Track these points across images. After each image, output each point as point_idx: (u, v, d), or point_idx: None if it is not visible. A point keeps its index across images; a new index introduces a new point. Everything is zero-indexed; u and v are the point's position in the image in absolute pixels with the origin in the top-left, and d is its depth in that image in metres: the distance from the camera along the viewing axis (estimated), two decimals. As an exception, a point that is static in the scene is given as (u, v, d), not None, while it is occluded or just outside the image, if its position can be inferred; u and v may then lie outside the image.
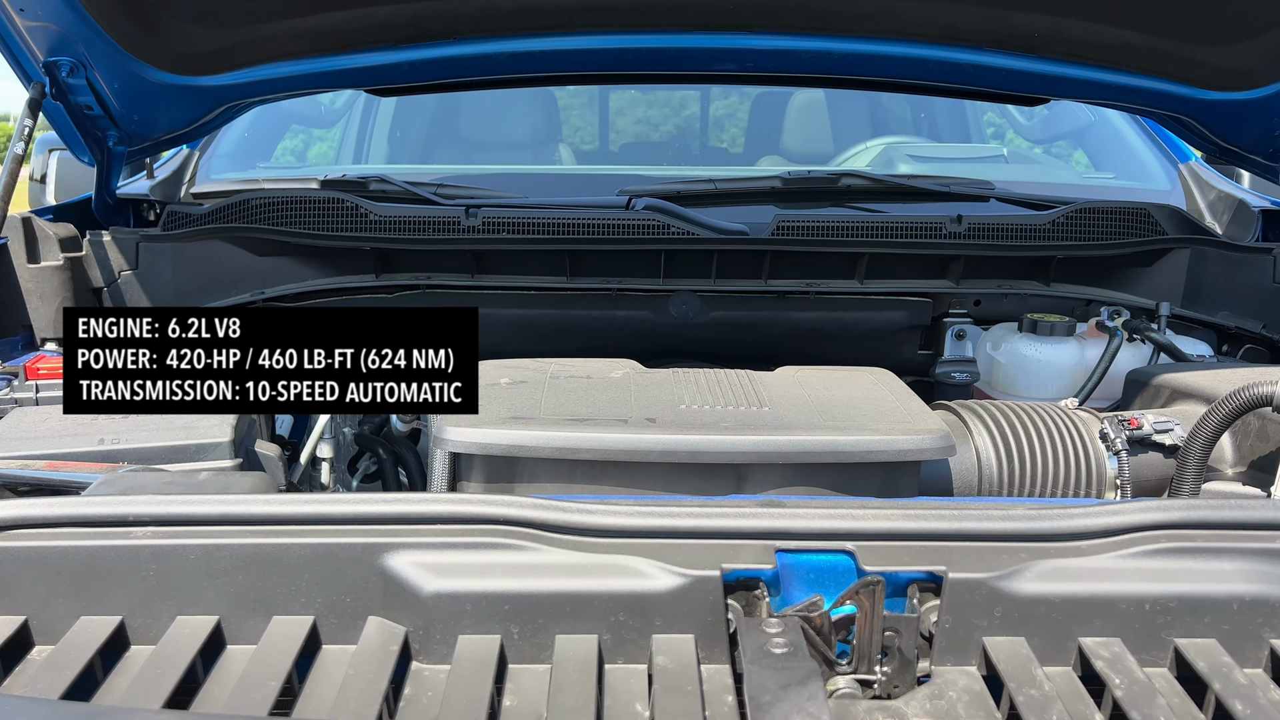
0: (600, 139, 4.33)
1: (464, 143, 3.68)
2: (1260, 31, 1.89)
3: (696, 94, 4.41)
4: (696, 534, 0.88)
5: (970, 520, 0.88)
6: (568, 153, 3.86)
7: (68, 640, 0.84)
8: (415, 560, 0.86)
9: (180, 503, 0.87)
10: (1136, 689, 0.79)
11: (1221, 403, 1.43)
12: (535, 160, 3.62)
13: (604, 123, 4.37)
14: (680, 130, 4.68)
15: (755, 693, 0.71)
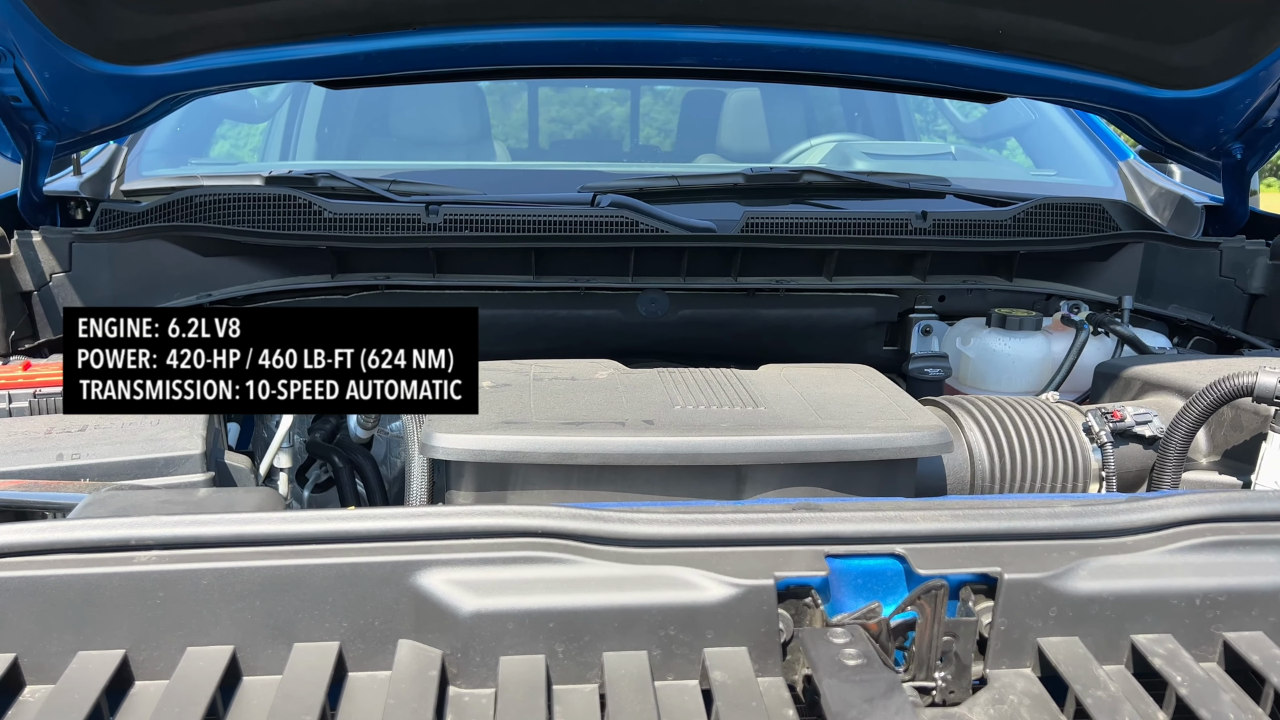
0: (530, 136, 4.28)
1: (394, 139, 3.59)
2: (1211, 31, 1.94)
3: (627, 91, 4.40)
4: (744, 541, 0.85)
5: (1020, 519, 0.86)
6: (502, 149, 3.80)
7: (67, 678, 0.77)
8: (450, 578, 0.81)
9: (189, 523, 0.80)
10: (1200, 686, 0.78)
11: (1202, 394, 1.45)
12: (468, 157, 3.55)
13: (533, 119, 4.32)
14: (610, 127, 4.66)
15: (840, 708, 0.68)
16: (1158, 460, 1.52)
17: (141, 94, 1.97)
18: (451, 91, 3.54)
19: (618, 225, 1.98)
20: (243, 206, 1.98)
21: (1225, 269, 2.17)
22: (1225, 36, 1.94)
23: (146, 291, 1.98)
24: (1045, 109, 2.90)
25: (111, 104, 1.98)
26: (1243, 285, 2.17)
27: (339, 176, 2.22)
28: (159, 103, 2.01)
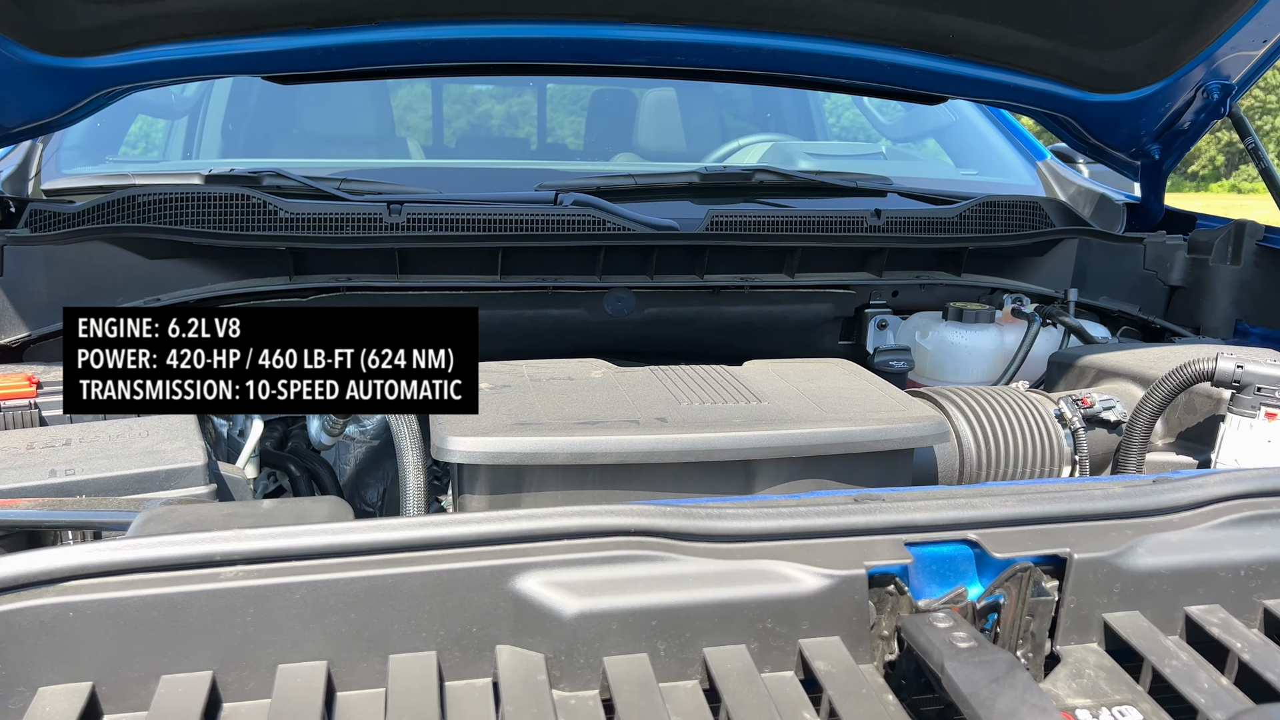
0: (435, 133, 4.23)
1: (302, 136, 3.49)
2: (1139, 39, 2.06)
3: (533, 89, 4.39)
4: (830, 533, 0.86)
5: (1082, 502, 0.91)
6: (415, 146, 3.75)
7: (158, 705, 0.72)
8: (550, 580, 0.80)
9: (279, 536, 0.76)
10: (1259, 650, 0.84)
11: (1166, 379, 1.55)
12: (379, 154, 3.48)
13: (438, 116, 4.28)
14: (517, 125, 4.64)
15: (969, 689, 0.70)
16: (1123, 443, 1.61)
17: (77, 88, 1.86)
18: (359, 88, 3.47)
19: (585, 224, 1.97)
20: (192, 206, 1.89)
21: (1148, 262, 2.31)
22: (1151, 45, 2.06)
23: (86, 296, 1.87)
24: (965, 110, 3.03)
25: (43, 98, 1.86)
26: (1164, 277, 2.31)
27: (286, 175, 2.14)
28: (93, 98, 1.90)
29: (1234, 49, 2.06)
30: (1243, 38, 2.03)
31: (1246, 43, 2.05)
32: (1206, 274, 2.25)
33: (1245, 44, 2.05)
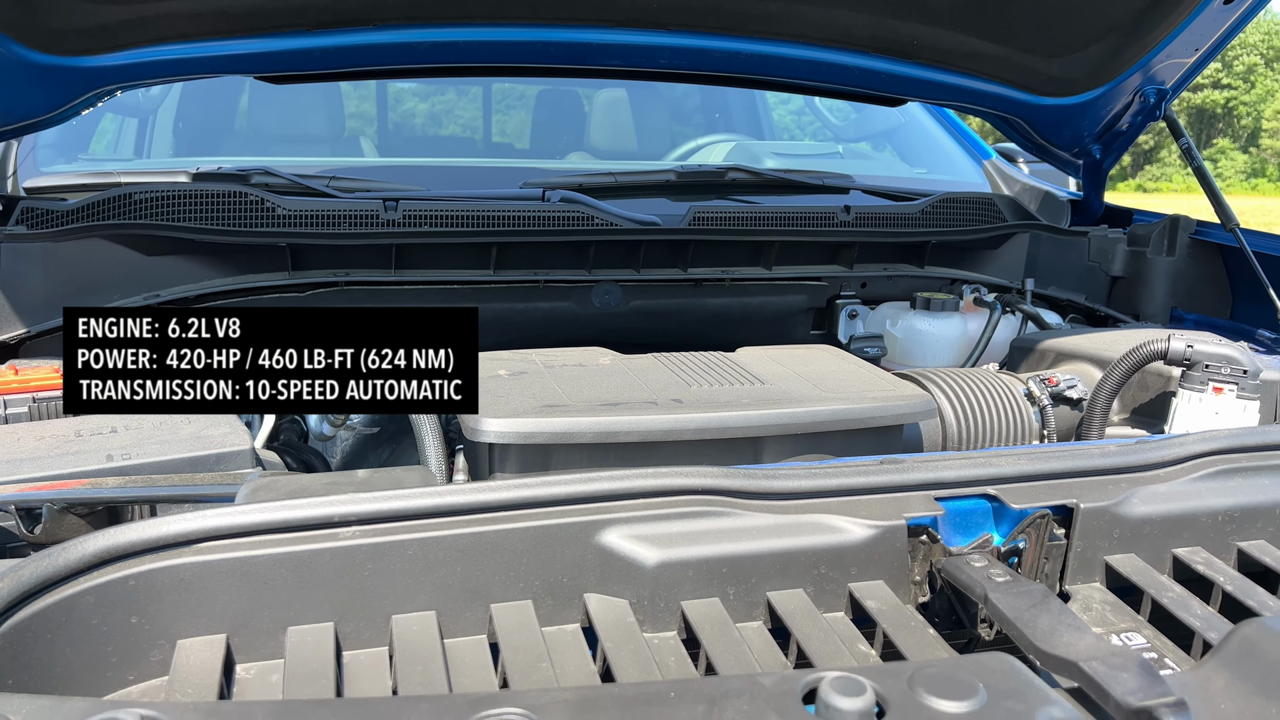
0: (380, 132, 4.26)
1: (255, 135, 3.50)
2: (1085, 47, 2.22)
3: (479, 89, 4.44)
4: (871, 490, 0.97)
5: (1084, 459, 1.03)
6: (368, 144, 3.78)
7: (292, 654, 0.80)
8: (631, 534, 0.89)
9: (392, 498, 0.84)
10: (1238, 583, 0.97)
11: (1124, 358, 1.70)
12: (332, 152, 3.51)
13: (382, 116, 4.31)
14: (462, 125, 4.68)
15: (1013, 614, 0.81)
16: (1085, 418, 1.75)
17: (73, 87, 1.88)
18: (309, 87, 3.49)
19: (574, 220, 2.06)
20: (190, 203, 1.92)
21: (1092, 255, 2.49)
22: (1096, 52, 2.23)
23: (84, 292, 1.89)
24: (914, 112, 3.18)
25: (38, 96, 1.88)
26: (1106, 268, 2.49)
27: (276, 173, 2.18)
28: (88, 96, 1.92)
29: (1169, 57, 2.24)
30: (1176, 47, 2.20)
31: (1180, 51, 2.23)
32: (1144, 265, 2.43)
33: (1179, 53, 2.23)
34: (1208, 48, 2.24)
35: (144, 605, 0.78)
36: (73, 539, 0.76)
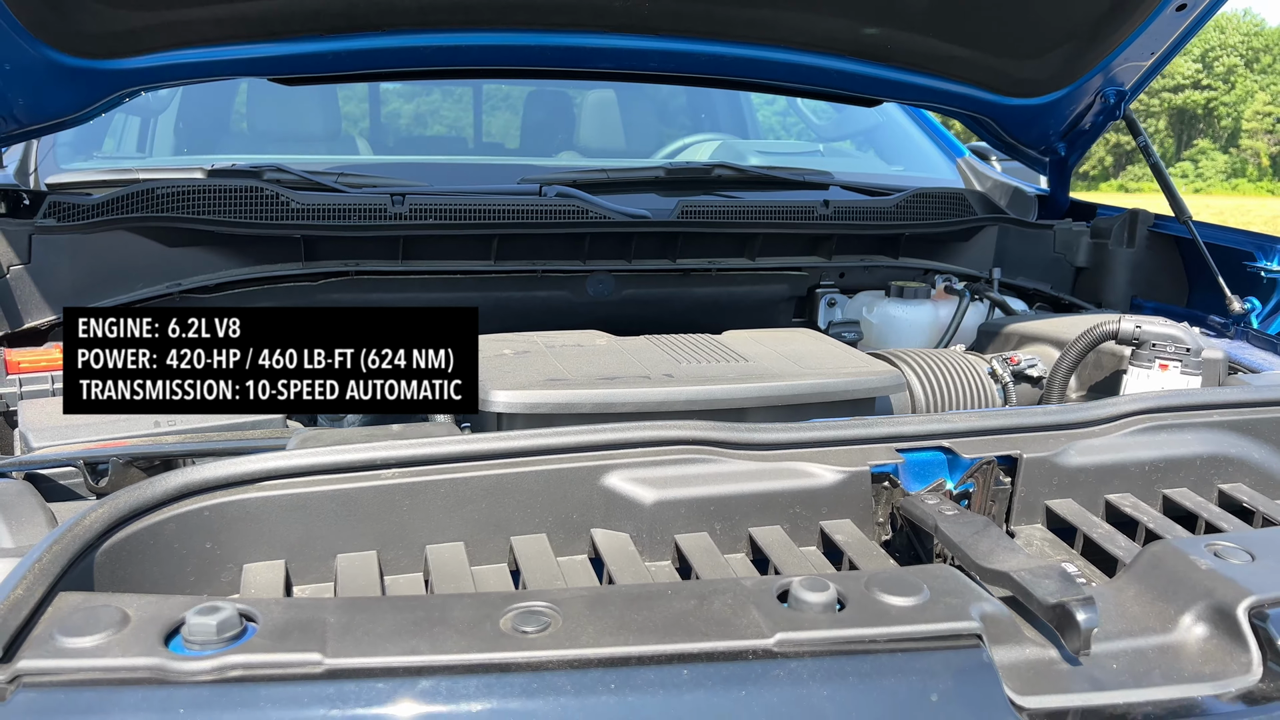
0: (373, 131, 4.38)
1: (253, 134, 3.61)
2: (1050, 50, 2.37)
3: (469, 90, 4.56)
4: (840, 442, 1.11)
5: (1027, 417, 1.17)
6: (363, 143, 3.89)
7: (344, 576, 0.93)
8: (632, 477, 1.03)
9: (427, 444, 0.97)
10: (1160, 522, 1.12)
11: (1079, 338, 1.84)
12: (328, 151, 3.63)
13: (375, 116, 4.42)
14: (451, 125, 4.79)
15: (959, 539, 0.95)
16: (1044, 395, 1.90)
17: (99, 88, 2.00)
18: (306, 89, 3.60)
19: (570, 213, 2.19)
20: (210, 198, 2.05)
21: (1057, 246, 2.64)
22: (1060, 55, 2.38)
23: (110, 282, 2.02)
24: (891, 112, 3.33)
25: (67, 96, 2.00)
26: (1071, 259, 2.63)
27: (287, 170, 2.30)
28: (114, 96, 2.04)
29: (1127, 60, 2.39)
30: (1134, 50, 2.35)
31: (1137, 55, 2.38)
32: (1106, 256, 2.58)
33: (1136, 56, 2.38)
34: (1163, 51, 2.39)
35: (217, 533, 0.92)
36: (156, 477, 0.89)
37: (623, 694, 0.69)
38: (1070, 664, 0.79)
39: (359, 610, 0.75)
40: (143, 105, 3.34)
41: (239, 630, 0.71)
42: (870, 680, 0.72)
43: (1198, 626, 0.83)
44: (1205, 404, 1.23)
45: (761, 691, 0.70)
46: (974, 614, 0.77)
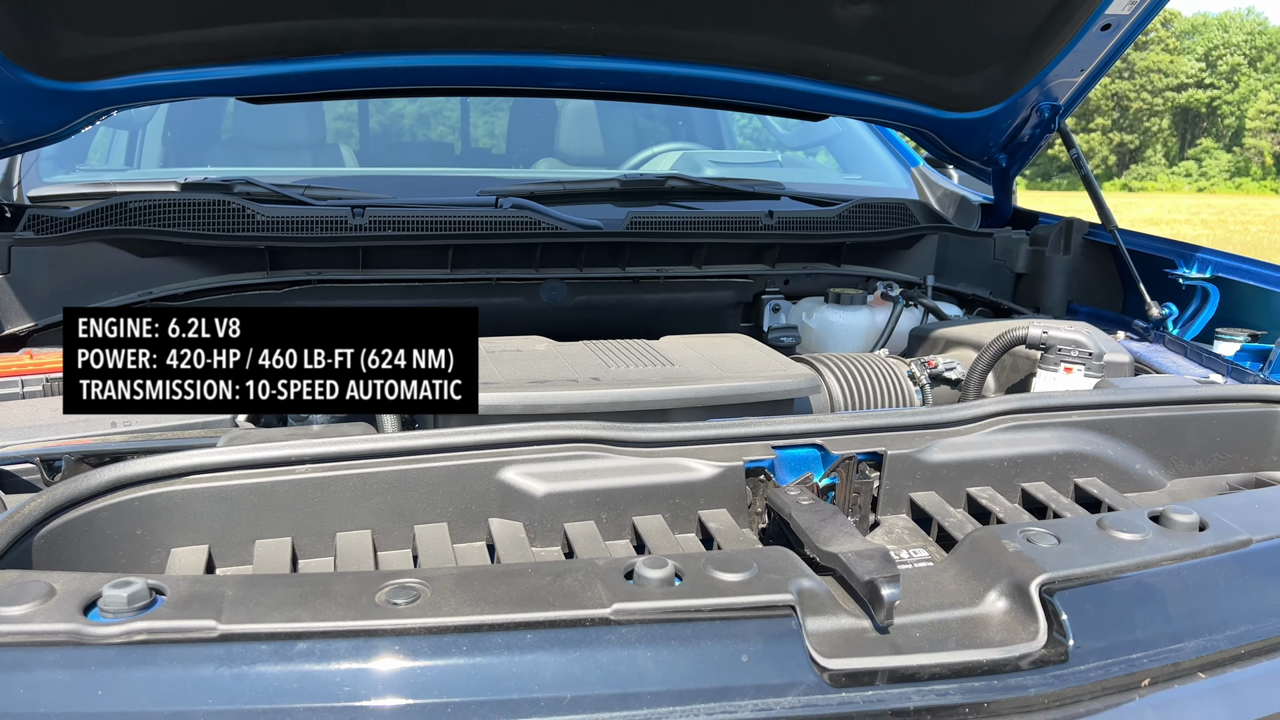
0: (362, 140, 4.49)
1: (240, 144, 3.73)
2: (982, 68, 2.49)
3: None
4: (719, 440, 1.23)
5: (894, 418, 1.29)
6: (348, 151, 4.00)
7: (259, 560, 1.05)
8: (525, 472, 1.15)
9: (337, 443, 1.10)
10: (1010, 511, 1.24)
11: (992, 343, 1.96)
12: (314, 160, 3.74)
13: (364, 126, 4.54)
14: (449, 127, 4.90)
15: (807, 525, 1.07)
16: (961, 395, 2.02)
17: (75, 108, 2.13)
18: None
19: (523, 224, 2.31)
20: (180, 211, 2.17)
21: (997, 254, 2.75)
22: (992, 72, 2.50)
23: (85, 291, 2.14)
24: (850, 123, 3.45)
25: (47, 116, 2.13)
26: (1011, 266, 2.75)
27: (256, 183, 2.43)
28: (89, 116, 2.17)
29: (1058, 76, 2.50)
30: (1064, 68, 2.47)
31: (1068, 71, 2.49)
32: (1044, 263, 2.69)
33: (1067, 72, 2.50)
34: (1093, 68, 2.50)
35: (146, 521, 1.04)
36: (92, 471, 1.01)
37: (472, 655, 0.81)
38: (879, 632, 0.91)
39: (254, 585, 0.87)
40: (130, 118, 3.47)
41: (148, 601, 0.83)
42: (690, 643, 0.84)
43: (1000, 601, 0.95)
44: (1062, 405, 1.35)
45: (594, 653, 0.83)
46: (791, 589, 0.89)
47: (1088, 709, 0.87)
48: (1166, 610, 0.95)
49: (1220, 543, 1.02)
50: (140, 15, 1.95)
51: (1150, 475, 1.37)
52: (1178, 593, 0.97)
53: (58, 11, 1.91)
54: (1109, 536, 1.01)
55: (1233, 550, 1.02)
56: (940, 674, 0.87)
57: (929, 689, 0.85)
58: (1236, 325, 2.31)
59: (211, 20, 1.98)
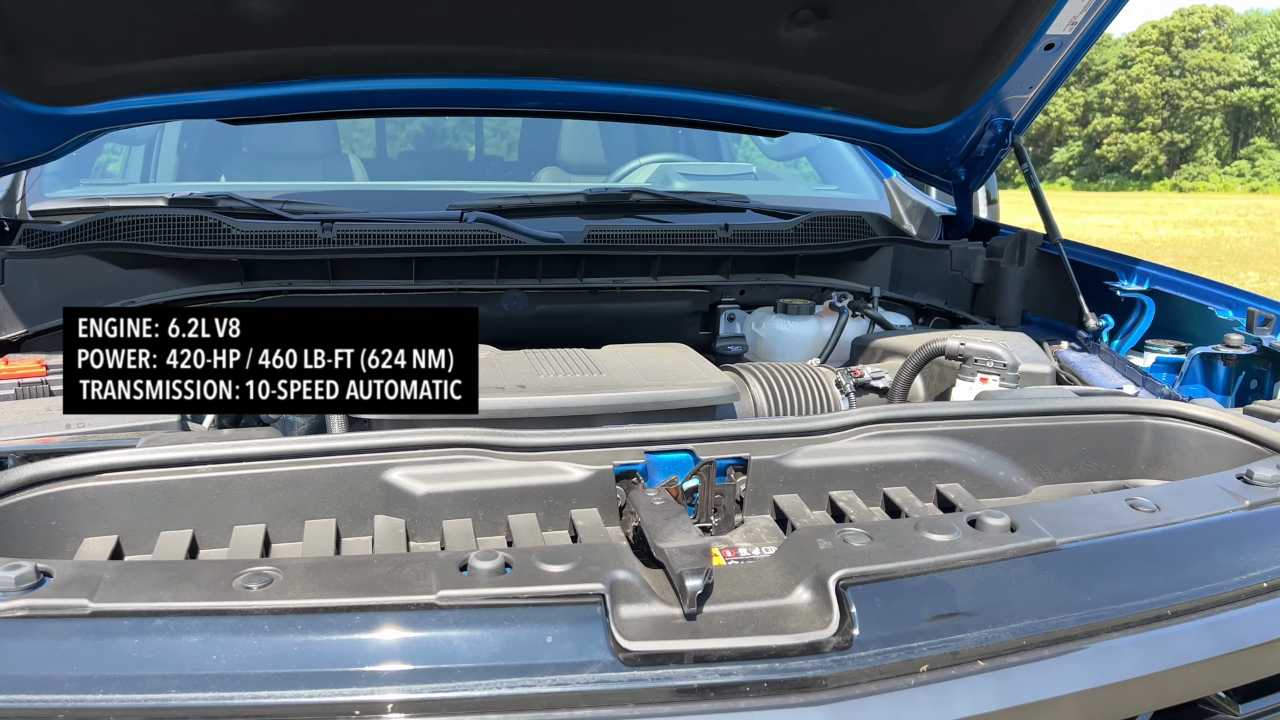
0: (378, 150, 4.65)
1: (254, 155, 3.89)
2: (932, 86, 2.57)
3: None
4: (593, 446, 1.34)
5: (761, 426, 1.39)
6: (356, 163, 4.15)
7: (160, 549, 1.18)
8: (408, 473, 1.27)
9: (234, 446, 1.22)
10: (863, 513, 1.33)
11: (912, 355, 2.05)
12: (324, 170, 3.89)
13: (381, 136, 4.69)
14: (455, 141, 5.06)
15: (652, 523, 1.18)
16: (887, 403, 2.11)
17: (64, 130, 2.29)
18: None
19: (483, 238, 2.44)
20: (160, 226, 2.32)
21: (955, 265, 2.83)
22: (943, 90, 2.58)
23: (73, 300, 2.29)
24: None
25: (33, 139, 2.29)
26: (968, 277, 2.82)
27: (237, 198, 2.58)
28: (78, 138, 2.33)
29: (1008, 93, 2.58)
30: (1012, 85, 2.54)
31: (1017, 89, 2.57)
32: (999, 274, 2.77)
33: (1016, 90, 2.57)
34: (1042, 86, 2.57)
35: (61, 514, 1.17)
36: (12, 469, 1.15)
37: (305, 633, 0.93)
38: (687, 620, 1.02)
39: (129, 570, 1.00)
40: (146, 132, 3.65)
41: (35, 582, 0.96)
42: (501, 625, 0.96)
43: (805, 593, 1.05)
44: (925, 416, 1.44)
45: (415, 633, 0.94)
46: (605, 580, 1.00)
47: (864, 690, 0.97)
48: (955, 604, 1.05)
49: (1023, 544, 1.11)
50: (116, 46, 2.10)
51: (1014, 482, 1.46)
52: (970, 589, 1.06)
53: (41, 42, 2.06)
54: (919, 537, 1.11)
55: (1035, 552, 1.11)
56: (729, 656, 0.97)
57: (714, 669, 0.96)
58: (1172, 336, 2.37)
59: (181, 50, 2.13)
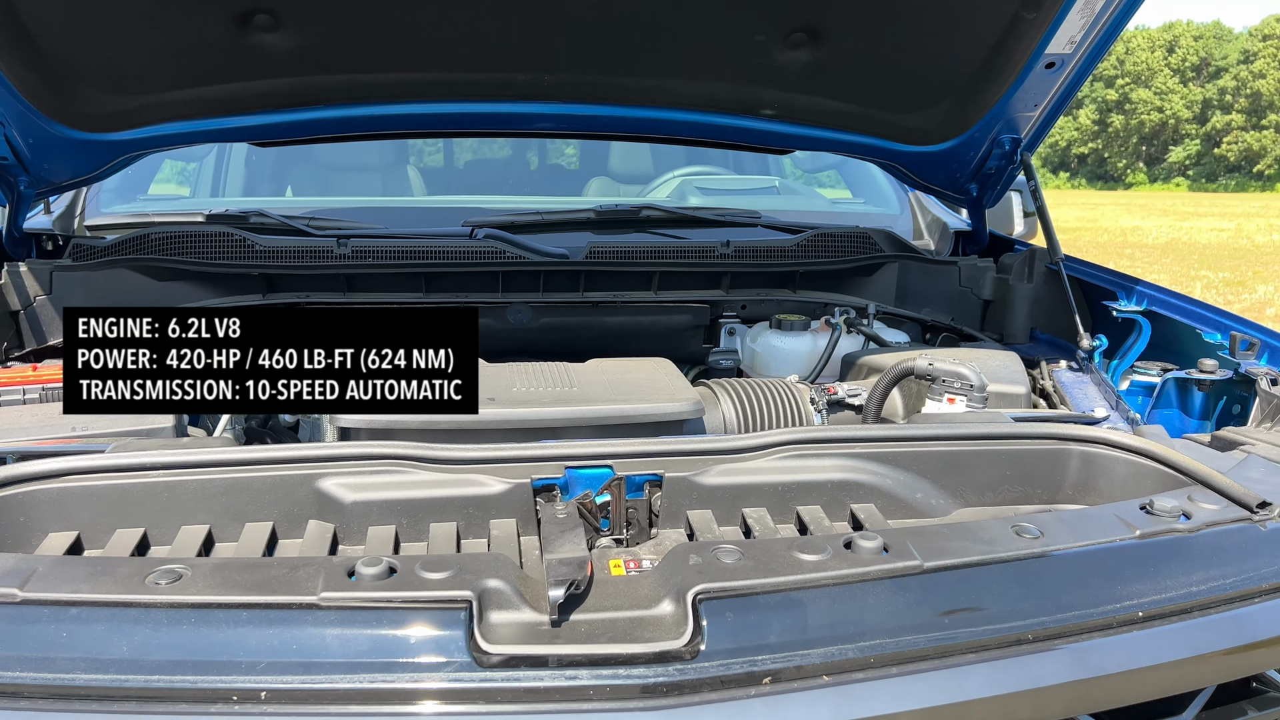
0: (446, 160, 4.83)
1: (321, 166, 4.09)
2: (933, 104, 2.59)
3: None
4: (516, 460, 1.43)
5: (679, 444, 1.47)
6: (415, 174, 4.33)
7: (113, 544, 1.32)
8: (339, 483, 1.38)
9: (182, 454, 1.36)
10: (769, 529, 1.40)
11: (884, 375, 2.09)
12: (384, 181, 4.07)
13: (449, 146, 4.86)
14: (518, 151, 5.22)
15: (547, 535, 1.26)
16: (861, 420, 2.14)
17: (106, 154, 2.49)
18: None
19: (489, 253, 2.55)
20: (191, 242, 2.51)
21: (963, 281, 2.83)
22: (944, 108, 2.59)
23: (112, 309, 2.50)
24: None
25: (81, 161, 2.50)
26: (977, 293, 2.82)
27: (267, 214, 2.76)
28: (119, 159, 2.53)
29: (1014, 111, 2.58)
30: (1016, 104, 2.54)
31: (1022, 106, 2.56)
32: (1008, 291, 2.76)
33: (1021, 108, 2.57)
34: (1049, 104, 2.56)
35: (28, 511, 1.32)
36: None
37: (197, 626, 1.05)
38: (552, 627, 1.10)
39: (61, 564, 1.13)
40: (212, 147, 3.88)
41: (-22, 573, 1.10)
42: (370, 626, 1.06)
43: (669, 606, 1.12)
44: (843, 438, 1.49)
45: (292, 630, 1.05)
46: (475, 588, 1.09)
47: (702, 698, 1.04)
48: (806, 621, 1.11)
49: (888, 566, 1.16)
50: (145, 77, 2.29)
51: (934, 504, 1.50)
52: (825, 607, 1.12)
53: (79, 75, 2.26)
54: (789, 556, 1.17)
55: (899, 575, 1.16)
56: (579, 662, 1.05)
57: (562, 673, 1.04)
58: (1167, 358, 2.34)
59: (204, 80, 2.30)
